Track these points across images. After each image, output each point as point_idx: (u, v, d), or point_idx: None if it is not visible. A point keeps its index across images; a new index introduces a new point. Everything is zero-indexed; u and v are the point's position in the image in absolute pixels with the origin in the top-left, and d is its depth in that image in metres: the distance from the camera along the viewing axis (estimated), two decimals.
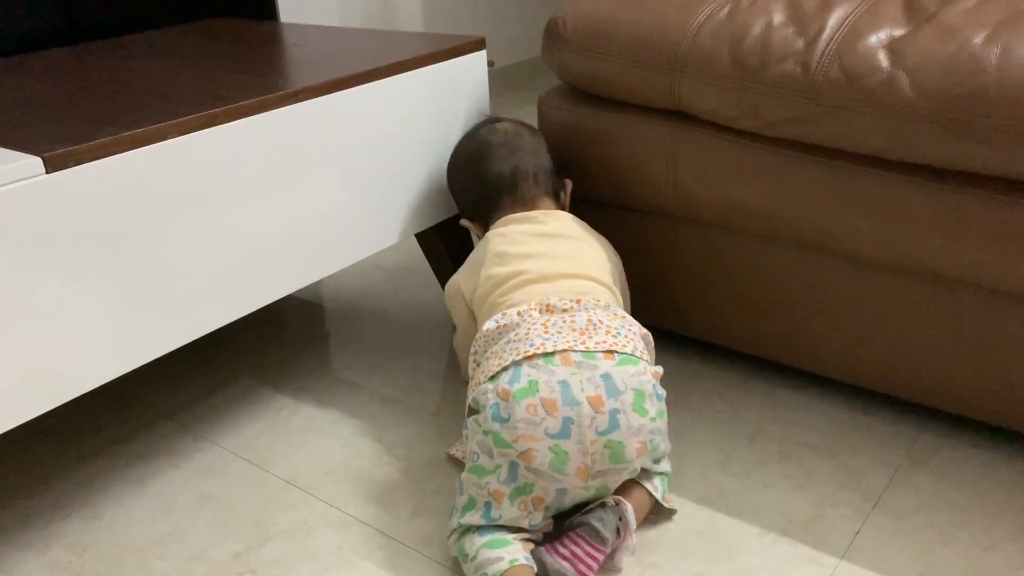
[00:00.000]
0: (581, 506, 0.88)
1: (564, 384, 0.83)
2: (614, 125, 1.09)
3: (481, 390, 0.87)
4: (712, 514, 0.93)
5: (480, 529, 0.85)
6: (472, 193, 1.11)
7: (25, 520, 0.98)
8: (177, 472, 1.04)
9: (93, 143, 0.80)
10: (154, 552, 0.92)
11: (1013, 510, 0.92)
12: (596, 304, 0.92)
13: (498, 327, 0.92)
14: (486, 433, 0.84)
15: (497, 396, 0.84)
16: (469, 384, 0.95)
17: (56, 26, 1.34)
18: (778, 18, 0.97)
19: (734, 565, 0.87)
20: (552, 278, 0.96)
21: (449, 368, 1.23)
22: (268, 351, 1.30)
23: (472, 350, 0.96)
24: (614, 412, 0.83)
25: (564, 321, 0.89)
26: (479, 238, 1.08)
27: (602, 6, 1.09)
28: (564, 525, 0.87)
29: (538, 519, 0.86)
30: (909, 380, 1.01)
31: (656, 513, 0.92)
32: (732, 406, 1.11)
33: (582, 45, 1.08)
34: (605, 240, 1.07)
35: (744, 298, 1.09)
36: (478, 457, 0.85)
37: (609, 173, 1.12)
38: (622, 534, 0.86)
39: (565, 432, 0.82)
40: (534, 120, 1.20)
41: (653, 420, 0.85)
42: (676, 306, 1.17)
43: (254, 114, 0.92)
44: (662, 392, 0.88)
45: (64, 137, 0.82)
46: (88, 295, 0.82)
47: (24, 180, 0.75)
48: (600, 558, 0.84)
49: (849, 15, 0.93)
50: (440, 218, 1.20)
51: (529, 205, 1.06)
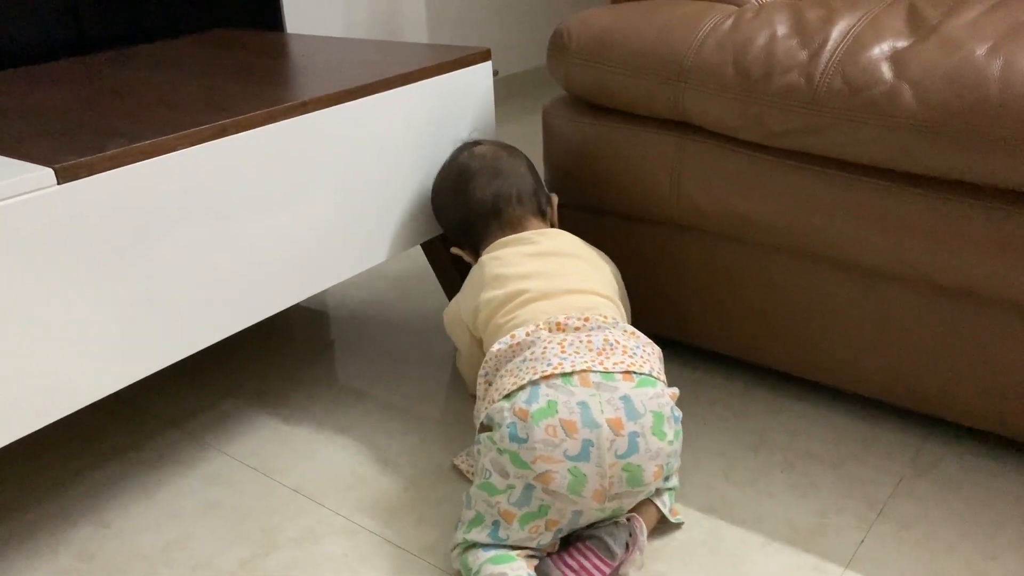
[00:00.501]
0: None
1: (583, 405, 0.82)
2: (618, 135, 1.10)
3: (496, 408, 0.85)
4: (716, 523, 0.93)
5: (485, 544, 0.84)
6: (458, 221, 1.09)
7: (33, 528, 0.99)
8: (184, 480, 1.05)
9: (103, 154, 0.81)
10: (161, 560, 0.93)
11: (1017, 519, 0.92)
12: (604, 320, 0.91)
13: (509, 347, 0.91)
14: (501, 452, 0.83)
15: (514, 415, 0.82)
16: (478, 402, 0.95)
17: (66, 37, 1.35)
18: (782, 29, 0.97)
19: (738, 574, 0.87)
20: (555, 295, 0.95)
21: (454, 377, 1.23)
22: (274, 360, 1.31)
23: (482, 372, 0.94)
24: (633, 435, 0.82)
25: (580, 341, 0.88)
26: (473, 263, 1.07)
27: (607, 17, 1.10)
28: (572, 536, 0.87)
29: (547, 540, 0.85)
30: (912, 389, 1.01)
31: (662, 522, 0.93)
32: (735, 415, 1.11)
33: (587, 56, 1.08)
34: (601, 252, 1.07)
35: (747, 307, 1.10)
36: (490, 475, 0.84)
37: (613, 183, 1.13)
38: (630, 549, 0.86)
39: (584, 454, 0.81)
40: (539, 130, 1.20)
41: (671, 443, 0.84)
42: (679, 315, 1.17)
43: (262, 125, 0.93)
44: (679, 414, 0.87)
45: (75, 148, 0.82)
46: (96, 305, 0.83)
47: (35, 191, 0.76)
48: (607, 572, 0.84)
49: (852, 27, 0.94)
50: None
51: (516, 227, 1.04)
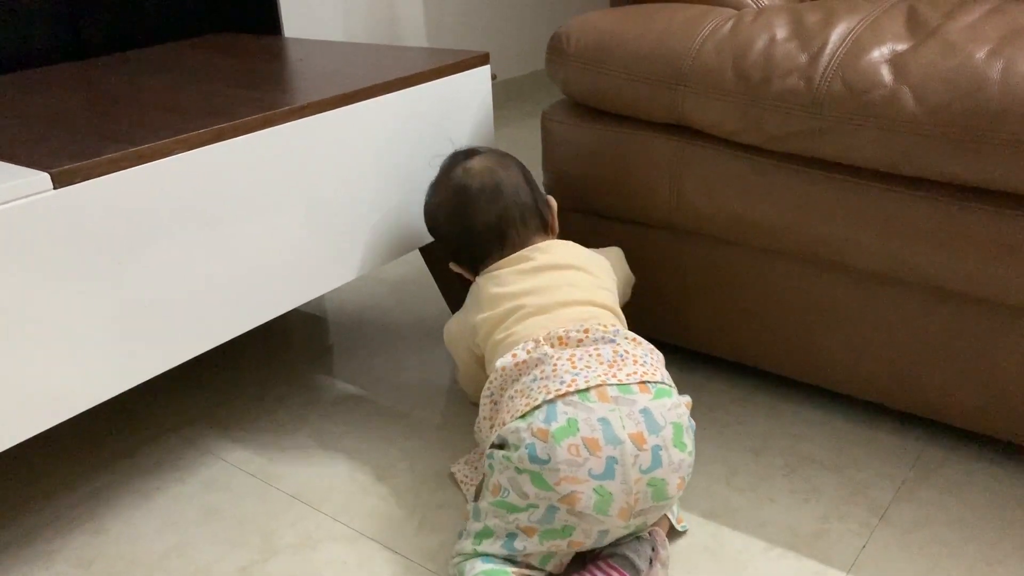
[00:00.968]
0: None
1: (604, 422, 0.80)
2: (618, 139, 1.10)
3: (510, 429, 0.82)
4: (718, 528, 0.93)
5: (490, 555, 0.83)
6: (458, 244, 1.05)
7: (30, 534, 0.98)
8: (182, 486, 1.04)
9: (100, 159, 0.80)
10: (159, 566, 0.92)
11: (1020, 524, 0.91)
12: (604, 330, 0.89)
13: (515, 365, 0.89)
14: (520, 471, 0.80)
15: (533, 436, 0.80)
16: (482, 421, 0.93)
17: (63, 41, 1.35)
18: (781, 33, 0.97)
19: None
20: (551, 309, 0.93)
21: (454, 382, 1.23)
22: (273, 365, 1.30)
23: (487, 391, 0.92)
24: (656, 448, 0.80)
25: (590, 355, 0.86)
26: (471, 280, 1.05)
27: (606, 21, 1.10)
28: (590, 553, 0.86)
29: (561, 558, 0.84)
30: (914, 393, 1.01)
31: (668, 531, 0.92)
32: (737, 420, 1.11)
33: (586, 60, 1.08)
34: (601, 250, 1.05)
35: (748, 311, 1.09)
36: (507, 493, 0.82)
37: (613, 187, 1.12)
38: (653, 564, 0.84)
39: (609, 472, 0.79)
40: (537, 134, 1.20)
41: (691, 454, 0.83)
42: (680, 319, 1.17)
43: (260, 129, 0.93)
44: (693, 424, 0.86)
45: (71, 152, 0.82)
46: (93, 310, 0.83)
47: (32, 196, 0.76)
48: None
49: (852, 30, 0.94)
50: None
51: (519, 248, 1.01)
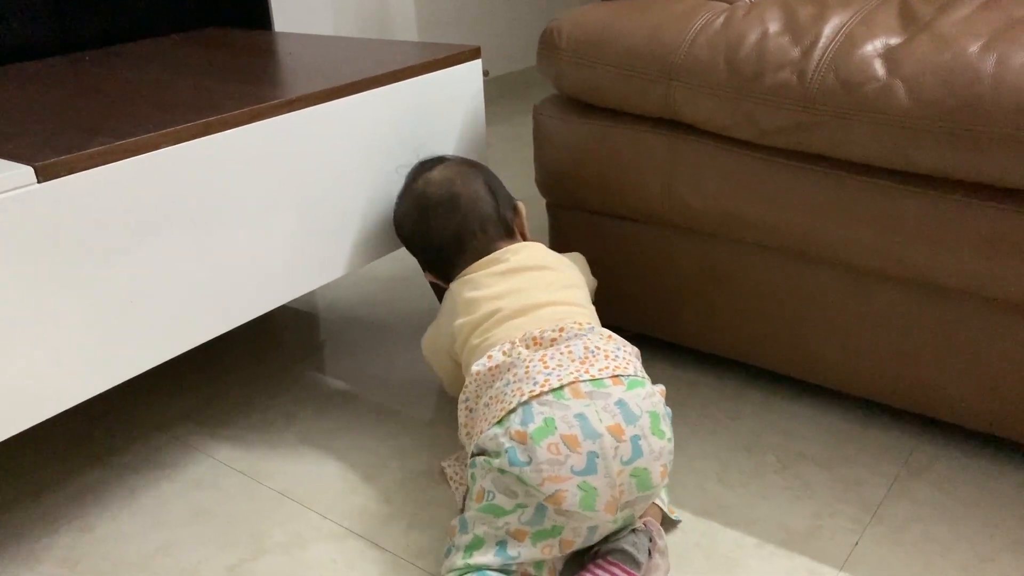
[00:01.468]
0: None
1: (581, 417, 0.80)
2: (609, 134, 1.09)
3: (487, 437, 0.82)
4: (710, 526, 0.93)
5: (485, 567, 0.81)
6: (423, 253, 1.06)
7: (15, 533, 0.97)
8: (170, 485, 1.03)
9: (85, 152, 0.79)
10: (147, 566, 0.91)
11: (1012, 520, 0.91)
12: (579, 328, 0.89)
13: (488, 369, 0.88)
14: (504, 472, 0.80)
15: (512, 439, 0.80)
16: (460, 428, 0.92)
17: (50, 35, 1.33)
18: (773, 27, 0.97)
19: None
20: (527, 311, 0.92)
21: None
22: (262, 362, 1.29)
23: (463, 397, 0.91)
24: (635, 439, 0.80)
25: (562, 353, 0.86)
26: (444, 287, 1.05)
27: (597, 15, 1.09)
28: (591, 552, 0.85)
29: (554, 563, 0.83)
30: (907, 390, 1.01)
31: (662, 522, 0.91)
32: (729, 416, 1.10)
33: (577, 54, 1.08)
34: (570, 257, 1.04)
35: (740, 307, 1.09)
36: (493, 496, 0.81)
37: (604, 182, 1.12)
38: (652, 554, 0.84)
39: (591, 467, 0.78)
40: (530, 131, 1.19)
41: (670, 440, 0.83)
42: (672, 315, 1.16)
43: (248, 123, 0.91)
44: (669, 411, 0.86)
45: (56, 146, 0.81)
46: (78, 306, 0.82)
47: (15, 190, 0.75)
48: None
49: (845, 24, 0.93)
50: None
51: (483, 254, 1.00)
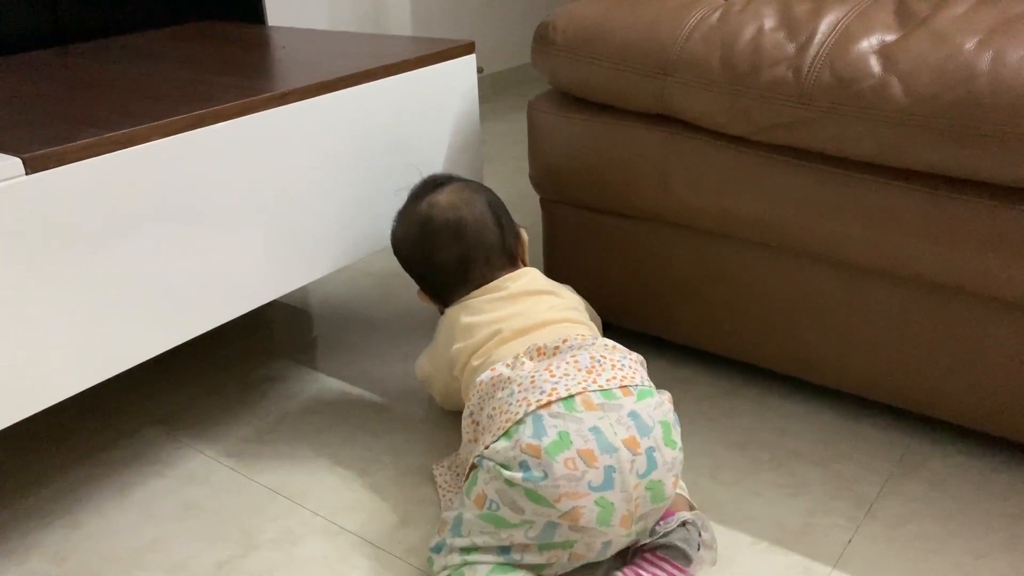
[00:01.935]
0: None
1: (596, 430, 0.78)
2: (604, 130, 1.09)
3: (495, 450, 0.79)
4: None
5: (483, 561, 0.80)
6: (422, 277, 1.05)
7: (3, 529, 0.96)
8: (160, 480, 1.03)
9: (75, 144, 0.78)
10: (136, 562, 0.90)
11: (1005, 518, 0.91)
12: (584, 339, 0.88)
13: (491, 379, 0.87)
14: (511, 485, 0.77)
15: (523, 453, 0.77)
16: (465, 444, 0.91)
17: (42, 27, 1.32)
18: (769, 23, 0.96)
19: (726, 574, 0.86)
20: (529, 330, 0.91)
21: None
22: (255, 357, 1.29)
23: (467, 412, 0.89)
24: (650, 451, 0.79)
25: (567, 362, 0.84)
26: (439, 309, 1.04)
27: (592, 10, 1.09)
28: (637, 546, 0.84)
29: (559, 569, 0.82)
30: (901, 387, 1.00)
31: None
32: (723, 413, 1.10)
33: (572, 50, 1.07)
34: (571, 289, 1.04)
35: (735, 305, 1.09)
36: (497, 507, 0.78)
37: (599, 178, 1.11)
38: (700, 548, 0.82)
39: (608, 482, 0.77)
40: (524, 128, 1.19)
41: (680, 450, 0.82)
42: (667, 312, 1.16)
43: (239, 116, 0.91)
44: (678, 419, 0.85)
45: (45, 138, 0.80)
46: (67, 299, 0.81)
47: (3, 181, 0.74)
48: None
49: (841, 20, 0.93)
50: None
51: (484, 283, 0.98)
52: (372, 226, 1.10)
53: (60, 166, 0.77)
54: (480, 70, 1.23)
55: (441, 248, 1.00)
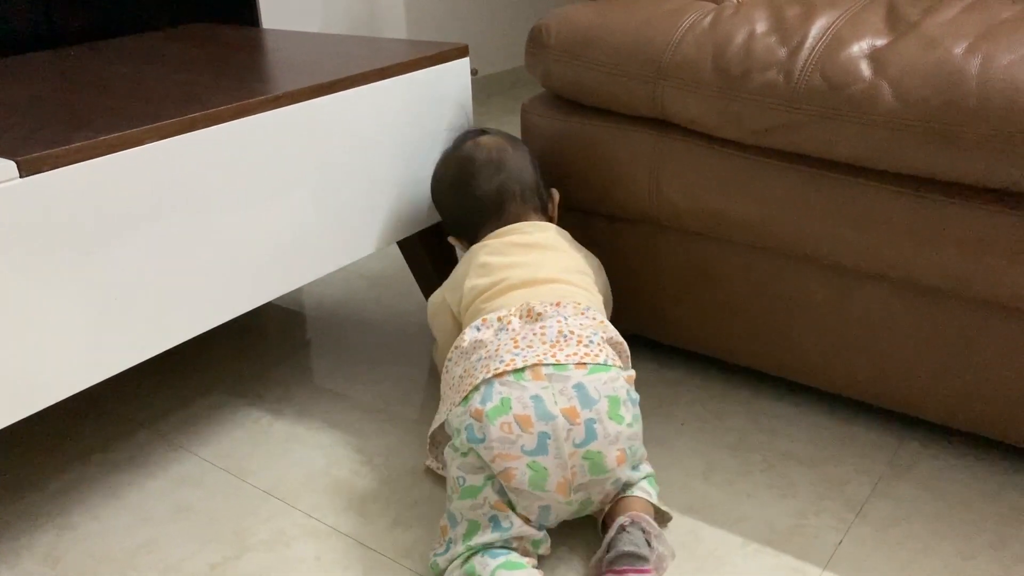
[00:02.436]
0: (594, 542, 0.85)
1: (537, 399, 0.82)
2: (597, 133, 1.09)
3: (455, 414, 0.86)
4: (695, 524, 0.93)
5: (490, 550, 0.81)
6: (458, 213, 1.10)
7: None
8: (153, 482, 1.03)
9: (69, 147, 0.79)
10: (129, 563, 0.90)
11: (995, 520, 0.92)
12: (577, 306, 0.92)
13: (472, 342, 0.91)
14: (466, 454, 0.84)
15: (470, 417, 0.83)
16: (441, 404, 0.93)
17: (36, 30, 1.32)
18: (761, 27, 0.97)
19: (717, 575, 0.86)
20: (532, 283, 0.96)
21: (431, 377, 1.22)
22: (248, 359, 1.29)
23: (447, 362, 0.94)
24: (590, 422, 0.82)
25: (535, 334, 0.88)
26: (463, 251, 1.08)
27: (585, 14, 1.09)
28: (597, 567, 0.83)
29: (545, 540, 0.84)
30: (891, 389, 1.01)
31: (656, 515, 0.89)
32: (714, 415, 1.11)
33: (565, 53, 1.08)
34: (589, 253, 1.07)
35: (727, 307, 1.09)
36: (464, 480, 0.84)
37: (592, 181, 1.12)
38: (652, 545, 0.83)
39: (542, 448, 0.81)
40: (518, 130, 1.19)
41: (630, 426, 0.84)
42: (658, 315, 1.16)
43: (233, 119, 0.91)
44: (636, 396, 0.87)
45: (39, 141, 0.80)
46: (62, 302, 0.81)
47: None
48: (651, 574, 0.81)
49: (831, 24, 0.94)
50: (422, 226, 1.20)
51: (514, 222, 1.05)
52: (369, 227, 1.10)
53: (55, 169, 0.77)
54: (474, 73, 1.24)
55: (481, 181, 1.06)
